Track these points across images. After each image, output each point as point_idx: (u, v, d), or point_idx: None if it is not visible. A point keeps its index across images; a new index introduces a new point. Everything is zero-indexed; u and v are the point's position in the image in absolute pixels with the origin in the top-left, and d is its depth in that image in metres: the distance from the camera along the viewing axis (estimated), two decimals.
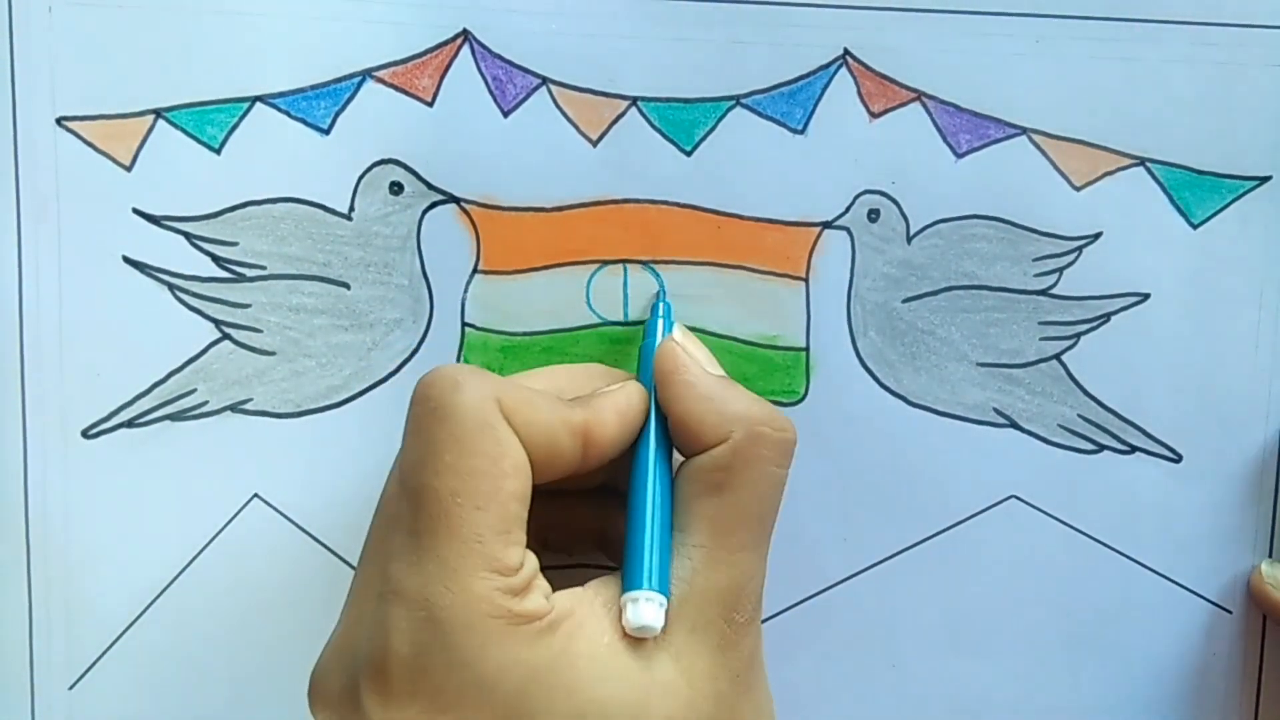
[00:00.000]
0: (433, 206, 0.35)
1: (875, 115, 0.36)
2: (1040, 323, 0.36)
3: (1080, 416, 0.37)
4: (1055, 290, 0.36)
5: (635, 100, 0.35)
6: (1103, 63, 0.35)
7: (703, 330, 0.36)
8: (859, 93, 0.35)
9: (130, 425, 0.35)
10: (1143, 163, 0.36)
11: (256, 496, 0.36)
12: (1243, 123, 0.36)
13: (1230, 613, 0.37)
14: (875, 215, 0.36)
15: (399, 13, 0.35)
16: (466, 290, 0.36)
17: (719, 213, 0.36)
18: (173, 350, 0.35)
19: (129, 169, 0.35)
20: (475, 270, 0.36)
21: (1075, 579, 0.37)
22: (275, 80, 0.35)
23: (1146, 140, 0.36)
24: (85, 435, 0.35)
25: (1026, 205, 0.36)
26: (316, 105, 0.35)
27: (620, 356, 0.36)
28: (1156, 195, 0.36)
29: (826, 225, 0.36)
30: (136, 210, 0.35)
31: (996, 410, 0.37)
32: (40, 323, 0.35)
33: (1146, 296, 0.36)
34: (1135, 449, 0.37)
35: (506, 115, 0.35)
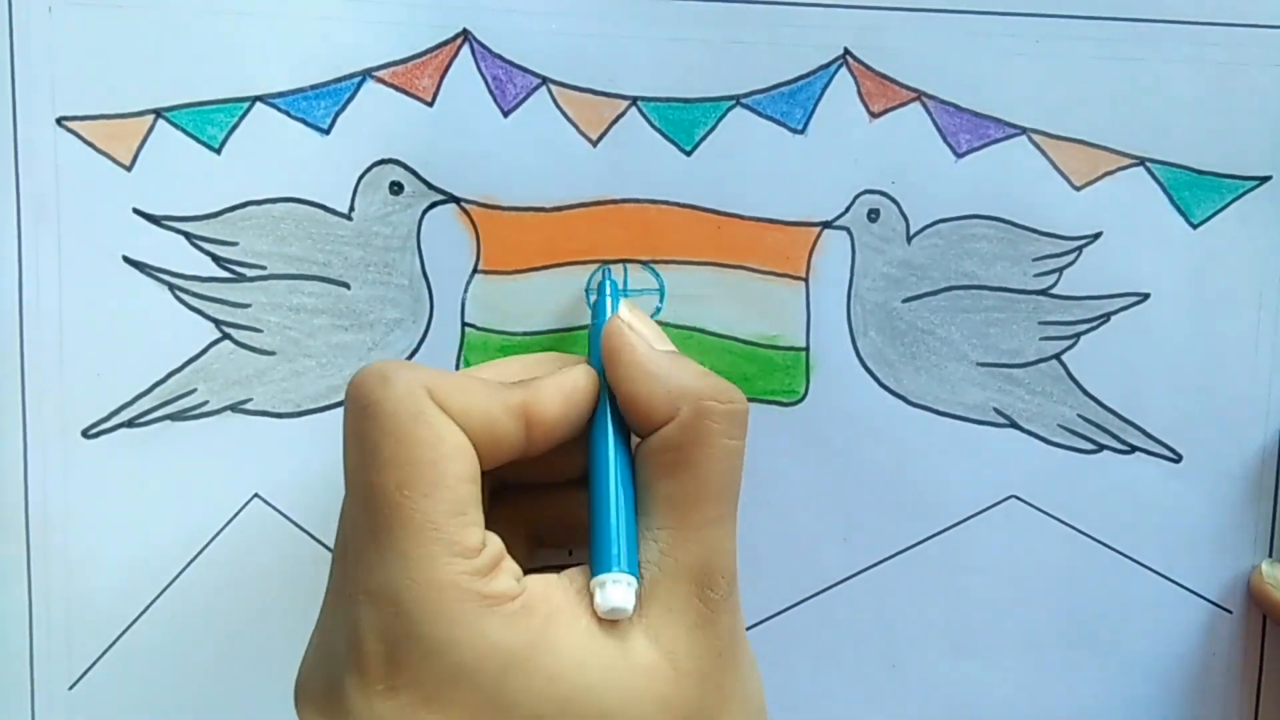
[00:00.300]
0: (433, 206, 0.35)
1: (875, 115, 0.35)
2: (1040, 323, 0.36)
3: (1080, 416, 0.37)
4: (1055, 290, 0.36)
5: (635, 100, 0.35)
6: (1103, 63, 0.35)
7: (703, 330, 0.36)
8: (859, 93, 0.35)
9: (130, 425, 0.35)
10: (1143, 163, 0.36)
11: (256, 496, 0.36)
12: (1243, 123, 0.36)
13: (1230, 613, 0.37)
14: (875, 215, 0.36)
15: (399, 13, 0.35)
16: (466, 290, 0.36)
17: (719, 213, 0.36)
18: (173, 350, 0.35)
19: (129, 169, 0.35)
20: (475, 270, 0.36)
21: (1075, 579, 0.37)
22: (275, 80, 0.35)
23: (1146, 140, 0.36)
24: (85, 435, 0.35)
25: (1026, 205, 0.36)
26: (316, 105, 0.35)
27: None
28: (1156, 195, 0.36)
29: (826, 225, 0.36)
30: (136, 210, 0.35)
31: (996, 410, 0.37)
32: (40, 323, 0.35)
33: (1146, 296, 0.36)
34: (1135, 449, 0.37)
35: (506, 115, 0.35)
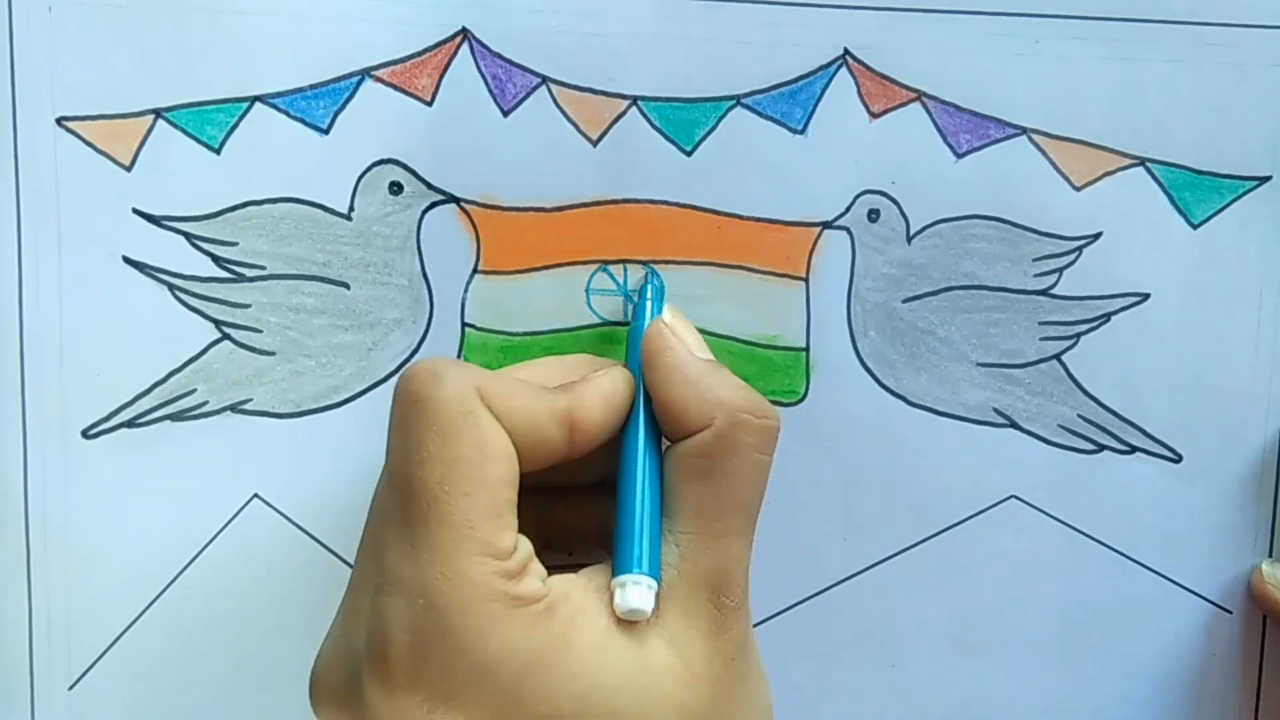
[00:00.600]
0: (432, 206, 0.35)
1: (875, 115, 0.35)
2: (1040, 323, 0.36)
3: (1080, 416, 0.37)
4: (1055, 290, 0.36)
5: (635, 100, 0.35)
6: (1103, 63, 0.35)
7: (703, 330, 0.36)
8: (859, 93, 0.35)
9: (130, 425, 0.35)
10: (1143, 163, 0.36)
11: (256, 496, 0.36)
12: (1243, 123, 0.36)
13: (1230, 613, 0.37)
14: (875, 215, 0.36)
15: (398, 12, 0.35)
16: (466, 290, 0.36)
17: (719, 213, 0.36)
18: (173, 350, 0.35)
19: (129, 169, 0.35)
20: (475, 270, 0.36)
21: (1075, 579, 0.37)
22: (275, 80, 0.35)
23: (1146, 140, 0.36)
24: (85, 435, 0.35)
25: (1026, 205, 0.36)
26: (316, 105, 0.35)
27: (620, 357, 0.36)
28: (1156, 195, 0.36)
29: (826, 225, 0.36)
30: (136, 210, 0.35)
31: (996, 410, 0.37)
32: (40, 323, 0.35)
33: (1146, 296, 0.36)
34: (1135, 449, 0.37)
35: (506, 115, 0.35)
